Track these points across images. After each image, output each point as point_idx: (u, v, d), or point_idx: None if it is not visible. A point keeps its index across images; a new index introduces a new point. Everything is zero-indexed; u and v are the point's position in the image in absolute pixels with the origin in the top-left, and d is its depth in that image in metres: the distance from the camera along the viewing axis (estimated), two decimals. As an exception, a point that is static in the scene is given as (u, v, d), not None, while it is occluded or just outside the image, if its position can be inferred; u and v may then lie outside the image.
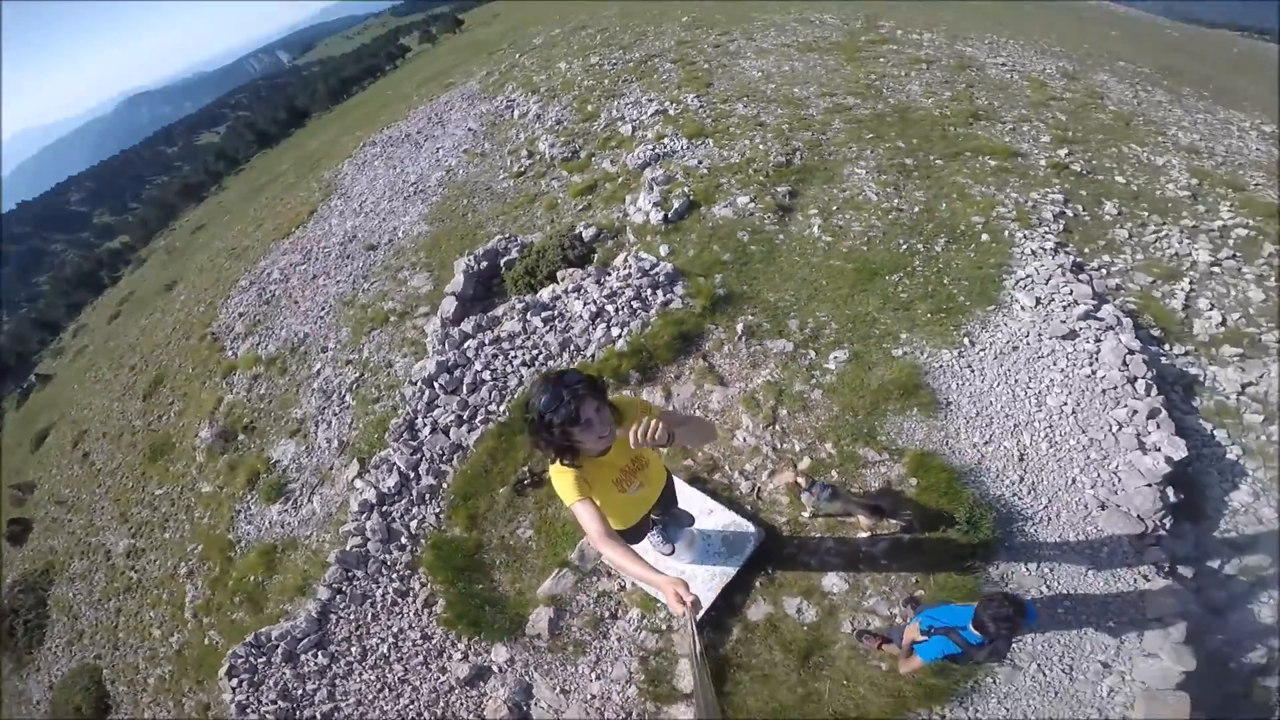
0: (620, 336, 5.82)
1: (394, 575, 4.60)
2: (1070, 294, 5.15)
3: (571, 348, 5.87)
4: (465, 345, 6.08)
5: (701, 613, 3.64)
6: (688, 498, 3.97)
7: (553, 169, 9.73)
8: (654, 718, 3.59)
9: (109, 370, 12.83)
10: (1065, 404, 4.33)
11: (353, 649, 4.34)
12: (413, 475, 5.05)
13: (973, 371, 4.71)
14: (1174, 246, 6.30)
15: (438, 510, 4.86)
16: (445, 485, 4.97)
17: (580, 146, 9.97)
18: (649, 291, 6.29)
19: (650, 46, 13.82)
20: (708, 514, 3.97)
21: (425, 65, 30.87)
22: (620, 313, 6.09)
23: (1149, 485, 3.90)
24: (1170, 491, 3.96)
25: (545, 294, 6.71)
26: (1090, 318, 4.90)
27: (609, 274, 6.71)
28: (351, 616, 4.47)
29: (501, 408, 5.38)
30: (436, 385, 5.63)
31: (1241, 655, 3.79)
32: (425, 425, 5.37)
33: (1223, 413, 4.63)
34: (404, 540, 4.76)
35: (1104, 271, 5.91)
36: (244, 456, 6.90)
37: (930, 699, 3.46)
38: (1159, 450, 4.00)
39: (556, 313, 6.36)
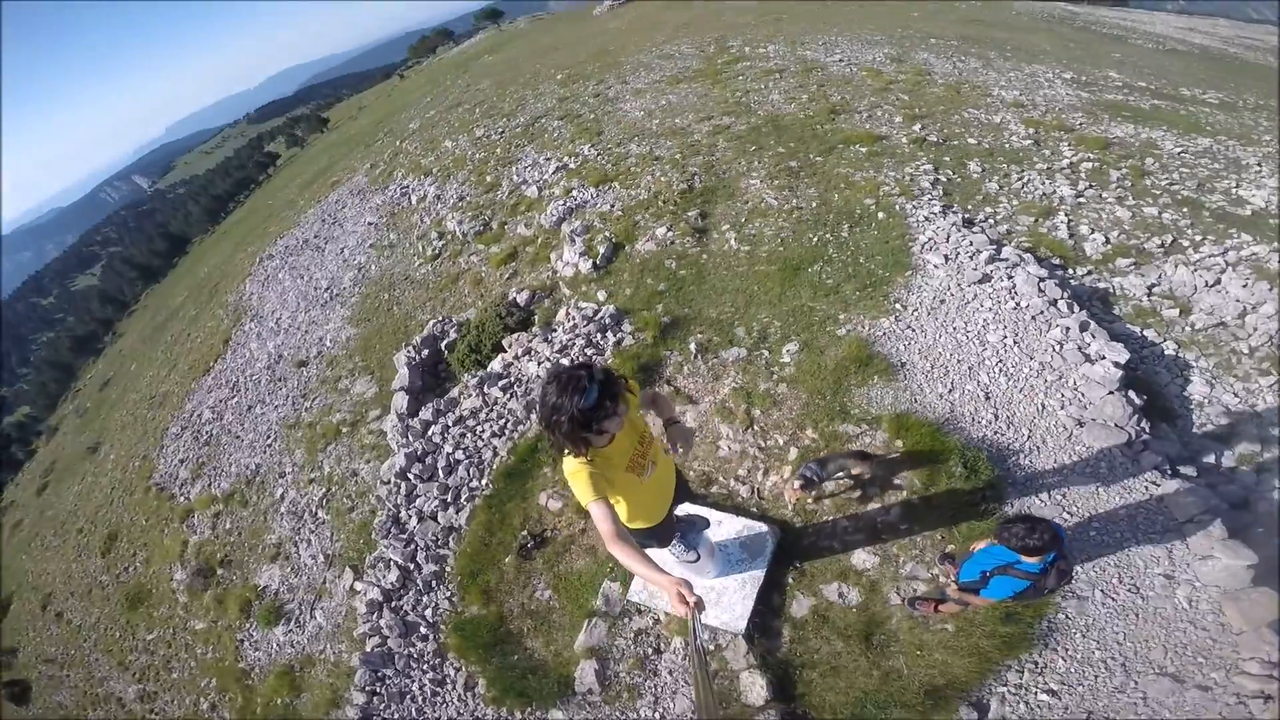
0: (583, 385, 5.90)
1: (425, 666, 4.44)
2: (971, 245, 5.77)
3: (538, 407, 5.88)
4: (429, 433, 5.97)
5: (745, 625, 3.63)
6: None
7: (468, 245, 9.78)
8: None
9: (55, 537, 12.13)
10: (1005, 337, 4.79)
11: (408, 748, 4.14)
12: (412, 566, 4.93)
13: (914, 331, 5.13)
14: (1039, 188, 7.20)
15: (448, 594, 4.74)
16: (448, 568, 4.87)
17: (490, 217, 10.10)
18: (598, 336, 6.43)
19: (533, 109, 14.33)
20: (717, 525, 4.01)
21: (302, 168, 30.28)
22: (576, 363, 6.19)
23: (1111, 393, 4.23)
24: (1133, 395, 4.29)
25: (496, 364, 6.71)
26: (996, 260, 5.51)
27: (554, 330, 6.82)
28: (395, 716, 4.29)
29: (483, 482, 5.31)
30: (411, 476, 5.53)
31: None
32: (411, 516, 5.26)
33: (1142, 314, 5.26)
34: (423, 630, 4.62)
35: (991, 221, 6.67)
36: (229, 589, 6.73)
37: (1012, 648, 3.43)
38: (1104, 358, 4.43)
39: (512, 379, 6.37)
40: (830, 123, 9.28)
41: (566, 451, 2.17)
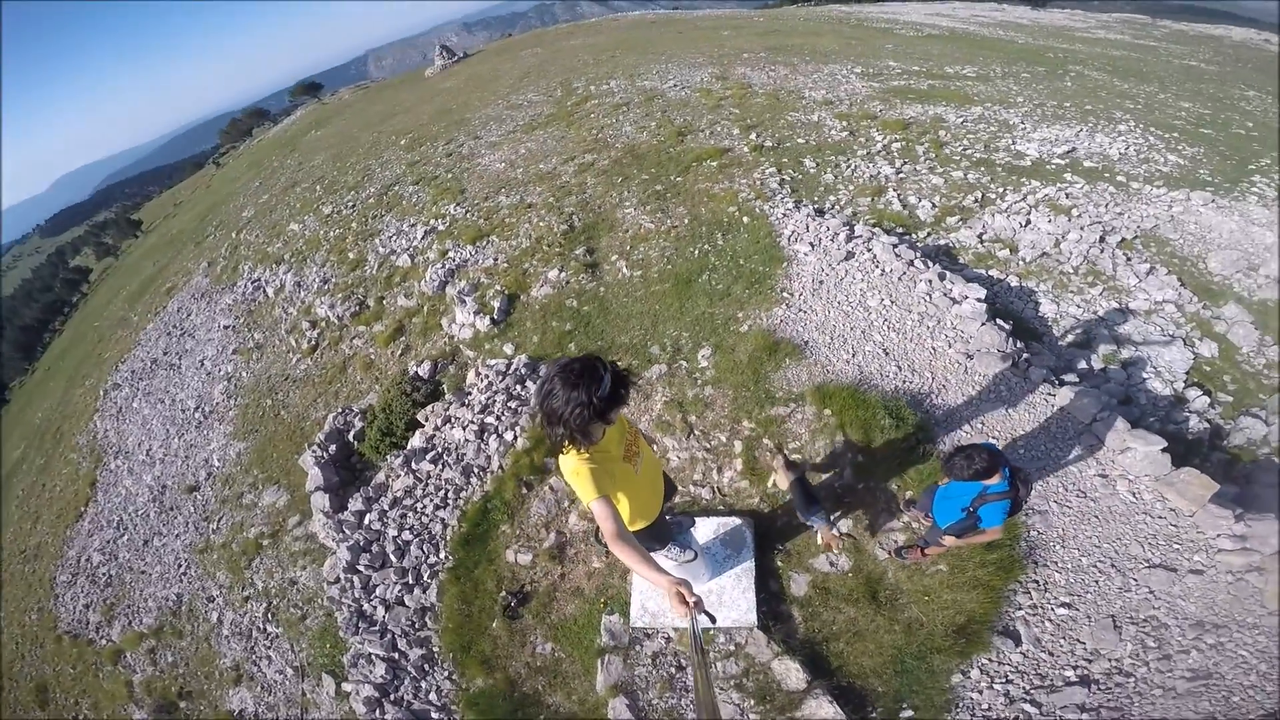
0: (516, 437, 5.85)
1: (453, 749, 4.09)
2: (829, 230, 6.52)
3: (476, 470, 5.74)
4: (366, 522, 5.64)
5: (756, 616, 3.67)
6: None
7: (346, 329, 9.24)
8: None
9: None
10: (883, 300, 5.49)
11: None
12: (398, 655, 4.63)
13: (805, 312, 5.71)
14: (866, 171, 8.28)
15: (446, 673, 4.46)
16: (436, 649, 4.59)
17: (364, 295, 9.64)
18: (518, 387, 6.42)
19: (382, 178, 13.89)
20: (692, 529, 4.07)
21: (123, 280, 26.57)
22: (503, 419, 6.13)
23: (983, 324, 4.92)
24: (1000, 322, 5.01)
25: (417, 440, 6.45)
26: (853, 239, 6.28)
27: (469, 393, 6.69)
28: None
29: (442, 555, 5.09)
30: (361, 568, 5.22)
31: (1181, 422, 4.49)
32: (376, 607, 4.94)
33: (981, 259, 6.23)
34: (435, 715, 4.32)
35: (837, 207, 7.56)
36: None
37: (1007, 572, 3.58)
38: (967, 297, 5.20)
39: (439, 450, 6.17)
40: (680, 144, 10.02)
41: (566, 449, 2.14)
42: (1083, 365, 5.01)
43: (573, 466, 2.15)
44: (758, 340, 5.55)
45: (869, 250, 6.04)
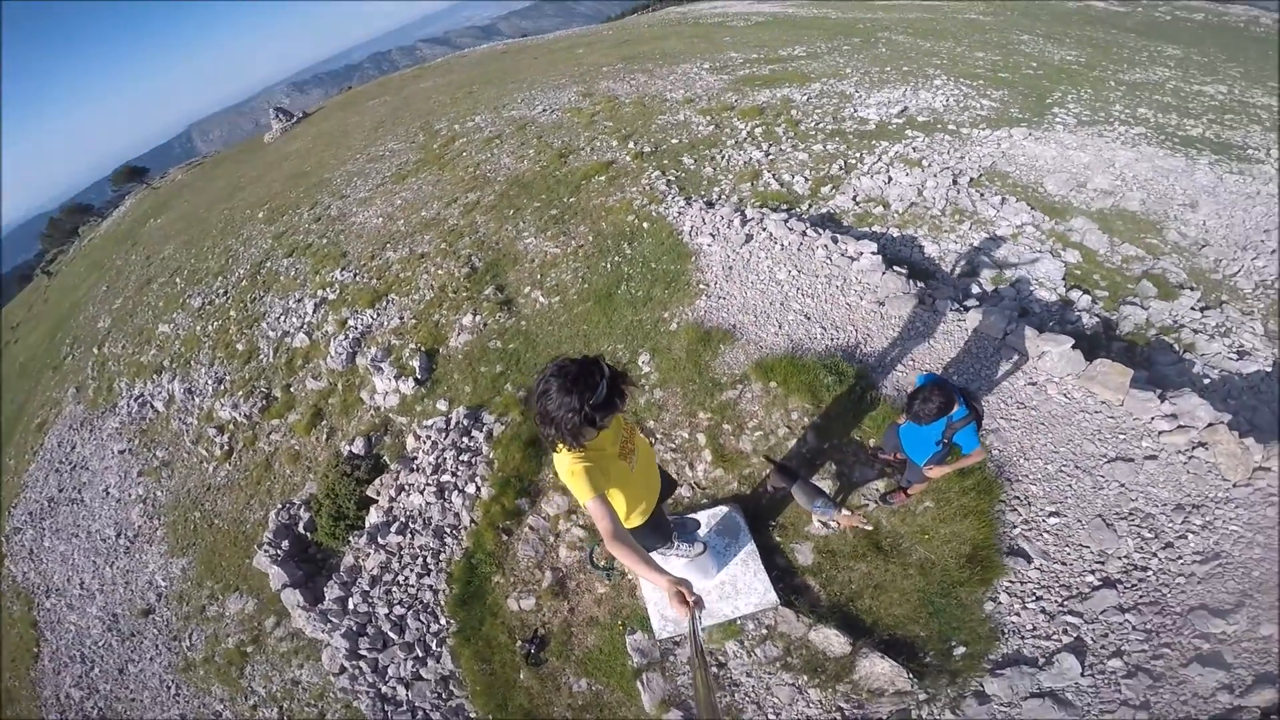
0: (479, 488, 5.80)
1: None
2: (723, 219, 6.98)
3: (448, 530, 5.63)
4: (351, 606, 5.36)
5: (776, 595, 3.74)
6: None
7: (259, 426, 8.60)
8: (857, 686, 3.37)
9: None
10: (790, 273, 5.99)
11: None
12: None
13: (725, 299, 6.10)
14: (739, 159, 8.87)
15: None
16: (474, 715, 4.45)
17: (268, 387, 8.99)
18: (464, 439, 6.33)
19: (249, 257, 12.92)
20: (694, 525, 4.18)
21: None
22: (460, 473, 6.04)
23: (883, 274, 5.48)
24: (897, 269, 5.58)
25: (375, 516, 6.20)
26: (747, 222, 6.77)
27: (415, 458, 6.52)
28: None
29: (443, 621, 4.95)
30: (364, 653, 4.97)
31: (1075, 321, 4.96)
32: (395, 688, 4.73)
33: (861, 219, 6.89)
34: None
35: (723, 197, 8.07)
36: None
37: (988, 494, 3.68)
38: (862, 253, 5.78)
39: (403, 519, 5.98)
40: (564, 166, 10.20)
41: (559, 449, 2.14)
42: (977, 290, 5.75)
43: (568, 466, 2.15)
44: (690, 334, 5.85)
45: (764, 229, 6.55)
